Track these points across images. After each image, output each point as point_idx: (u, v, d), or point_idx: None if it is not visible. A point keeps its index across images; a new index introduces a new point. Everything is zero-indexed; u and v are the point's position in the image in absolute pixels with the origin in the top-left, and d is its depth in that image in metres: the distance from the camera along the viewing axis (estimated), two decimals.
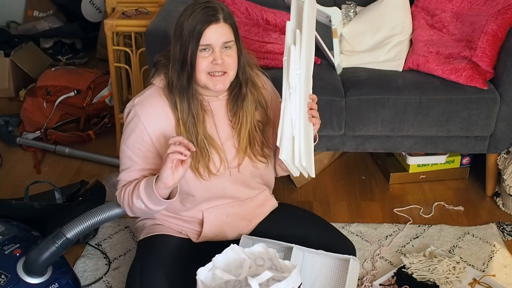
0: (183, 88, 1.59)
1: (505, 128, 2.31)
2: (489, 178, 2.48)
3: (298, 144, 1.60)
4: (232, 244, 1.58)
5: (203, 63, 1.56)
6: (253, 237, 1.75)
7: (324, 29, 2.43)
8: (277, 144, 1.59)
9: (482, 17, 2.34)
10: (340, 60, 2.42)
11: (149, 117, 1.62)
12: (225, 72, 1.59)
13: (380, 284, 1.96)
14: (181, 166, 1.53)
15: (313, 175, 1.66)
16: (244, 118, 1.68)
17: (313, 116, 1.66)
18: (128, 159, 1.66)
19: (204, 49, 1.55)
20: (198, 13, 1.53)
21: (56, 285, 1.77)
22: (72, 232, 1.69)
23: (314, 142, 1.74)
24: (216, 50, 1.55)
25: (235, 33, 1.59)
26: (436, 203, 2.44)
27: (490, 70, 2.27)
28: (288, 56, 1.60)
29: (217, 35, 1.54)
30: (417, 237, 2.23)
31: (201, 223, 1.75)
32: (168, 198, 1.60)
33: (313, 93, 1.70)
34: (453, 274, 1.97)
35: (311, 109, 1.66)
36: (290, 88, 1.59)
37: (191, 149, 1.53)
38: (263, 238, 1.73)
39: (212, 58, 1.56)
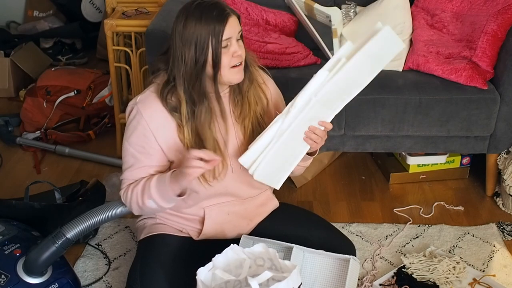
0: (205, 93, 1.60)
1: (505, 128, 2.31)
2: (489, 178, 2.48)
3: (260, 159, 1.61)
4: (232, 244, 1.58)
5: (225, 59, 1.57)
6: (253, 237, 1.75)
7: (324, 29, 2.43)
8: (249, 146, 1.62)
9: (482, 17, 2.34)
10: None
11: (152, 115, 1.62)
12: (241, 63, 1.61)
13: (380, 284, 1.96)
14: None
15: (277, 188, 1.68)
16: (247, 110, 1.70)
17: (311, 139, 1.63)
18: (131, 157, 1.66)
19: (225, 46, 1.56)
20: (209, 14, 1.53)
21: (56, 285, 1.78)
22: (72, 232, 1.69)
23: (312, 155, 1.74)
24: (234, 43, 1.57)
25: (240, 23, 1.61)
26: (436, 203, 2.44)
27: (490, 70, 2.27)
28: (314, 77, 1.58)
29: (234, 27, 1.56)
30: (417, 237, 2.23)
31: (202, 221, 1.75)
32: (179, 195, 1.63)
33: None
34: (453, 274, 1.97)
35: (314, 133, 1.62)
36: (293, 106, 1.58)
37: (215, 160, 1.55)
38: (263, 238, 1.73)
39: (233, 50, 1.57)
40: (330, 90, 1.57)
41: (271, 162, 1.61)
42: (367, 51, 1.53)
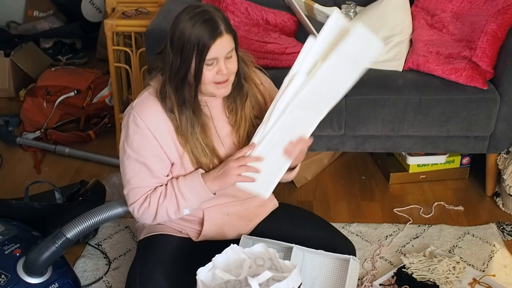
0: (185, 101, 1.59)
1: (505, 128, 2.31)
2: (489, 178, 2.48)
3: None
4: (232, 244, 1.58)
5: (209, 75, 1.55)
6: (253, 237, 1.75)
7: None
8: None
9: (482, 17, 2.34)
10: None
11: (149, 116, 1.61)
12: (227, 79, 1.59)
13: (380, 284, 1.96)
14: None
15: (266, 197, 1.68)
16: (243, 115, 1.69)
17: (293, 154, 1.63)
18: (137, 163, 1.63)
19: (211, 64, 1.54)
20: (199, 27, 1.49)
21: (56, 285, 1.78)
22: (72, 232, 1.69)
23: (292, 170, 1.74)
24: (221, 62, 1.54)
25: (235, 40, 1.57)
26: (436, 203, 2.44)
27: (490, 70, 2.27)
28: (287, 83, 1.52)
29: (222, 48, 1.52)
30: (417, 237, 2.23)
31: (202, 222, 1.75)
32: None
33: None
34: (453, 274, 1.97)
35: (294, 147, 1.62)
36: (272, 113, 1.54)
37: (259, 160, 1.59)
38: (263, 238, 1.73)
39: (217, 69, 1.54)
40: (308, 94, 1.51)
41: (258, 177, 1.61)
42: (341, 52, 1.45)
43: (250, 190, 1.65)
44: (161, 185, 1.67)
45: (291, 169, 1.73)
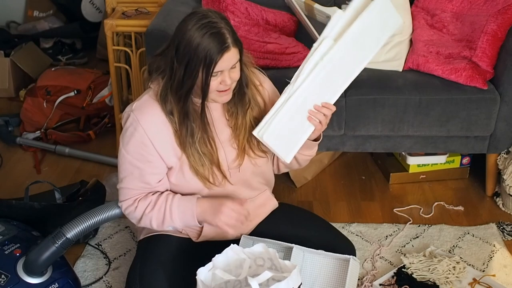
0: (189, 113, 1.59)
1: (505, 128, 2.31)
2: (489, 178, 2.48)
3: (269, 122, 1.61)
4: (232, 244, 1.58)
5: (212, 85, 1.55)
6: (253, 237, 1.75)
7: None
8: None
9: (482, 17, 2.34)
10: None
11: (148, 121, 1.61)
12: (228, 88, 1.60)
13: (380, 284, 1.96)
14: None
15: (287, 161, 1.67)
16: (244, 122, 1.69)
17: (317, 118, 1.66)
18: (130, 165, 1.64)
19: (214, 75, 1.54)
20: (207, 40, 1.48)
21: (56, 285, 1.78)
22: (72, 232, 1.69)
23: (316, 140, 1.75)
24: (225, 73, 1.55)
25: (240, 52, 1.57)
26: (436, 203, 2.44)
27: (490, 70, 2.27)
28: (316, 47, 1.62)
29: (228, 61, 1.53)
30: (417, 237, 2.23)
31: None
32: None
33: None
34: (453, 274, 1.97)
35: (319, 112, 1.65)
36: (301, 72, 1.62)
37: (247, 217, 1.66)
38: (263, 238, 1.73)
39: (221, 79, 1.55)
40: (335, 57, 1.61)
41: (280, 125, 1.61)
42: (365, 19, 1.61)
43: (273, 149, 1.64)
44: (153, 193, 1.67)
45: (314, 141, 1.75)
